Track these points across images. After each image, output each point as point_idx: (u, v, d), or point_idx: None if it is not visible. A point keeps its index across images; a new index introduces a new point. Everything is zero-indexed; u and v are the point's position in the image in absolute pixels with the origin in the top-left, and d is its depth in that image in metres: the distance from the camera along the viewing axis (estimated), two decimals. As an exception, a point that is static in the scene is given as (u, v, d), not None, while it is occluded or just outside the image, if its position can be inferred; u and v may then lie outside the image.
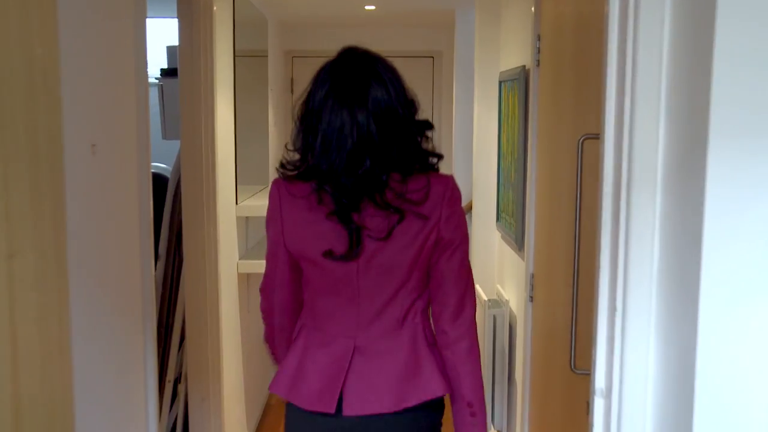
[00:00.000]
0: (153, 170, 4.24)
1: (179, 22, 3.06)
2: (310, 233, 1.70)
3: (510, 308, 3.28)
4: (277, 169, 1.74)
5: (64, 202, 1.43)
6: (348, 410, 1.70)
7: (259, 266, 3.92)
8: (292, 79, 5.90)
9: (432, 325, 1.80)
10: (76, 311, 1.55)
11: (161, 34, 3.91)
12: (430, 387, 1.73)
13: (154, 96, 3.81)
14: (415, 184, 1.67)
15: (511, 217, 3.21)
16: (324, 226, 1.67)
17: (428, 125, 1.74)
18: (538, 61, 2.69)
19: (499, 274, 3.66)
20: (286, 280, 1.79)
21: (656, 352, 1.31)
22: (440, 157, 1.75)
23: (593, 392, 1.41)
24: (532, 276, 2.74)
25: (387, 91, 1.65)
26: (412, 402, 1.71)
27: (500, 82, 3.46)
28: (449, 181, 1.73)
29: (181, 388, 3.37)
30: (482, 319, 3.39)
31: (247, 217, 3.93)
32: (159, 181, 3.69)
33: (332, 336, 1.74)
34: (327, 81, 1.66)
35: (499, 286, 3.59)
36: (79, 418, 1.54)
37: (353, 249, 1.66)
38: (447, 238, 1.71)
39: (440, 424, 1.82)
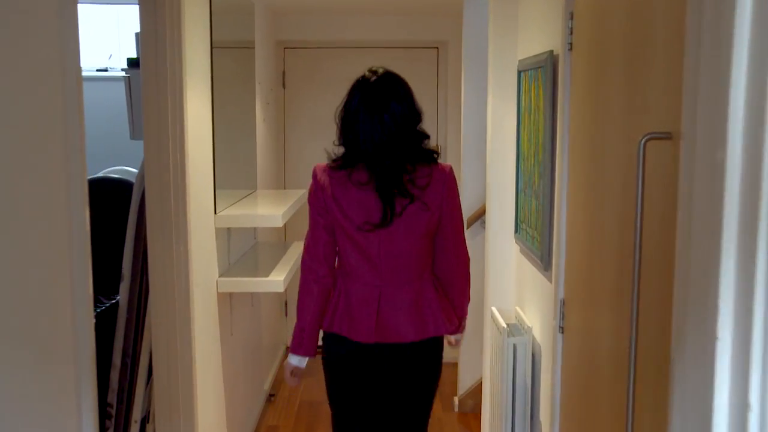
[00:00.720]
0: (119, 176, 3.80)
1: (140, 6, 2.59)
2: (348, 207, 2.30)
3: (533, 336, 2.81)
4: (328, 160, 2.36)
5: None
6: (380, 339, 2.35)
7: (243, 284, 3.45)
8: (284, 72, 5.39)
9: (437, 275, 2.45)
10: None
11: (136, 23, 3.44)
12: (437, 325, 2.39)
13: (121, 91, 3.34)
14: (422, 172, 2.32)
15: (535, 230, 2.74)
16: (362, 203, 2.30)
17: (425, 136, 2.38)
18: (571, 44, 2.23)
19: (519, 294, 3.18)
20: (328, 240, 2.38)
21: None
22: (438, 153, 2.39)
23: None
24: (563, 302, 2.28)
25: (402, 104, 2.29)
26: (426, 335, 2.38)
27: (519, 72, 2.99)
28: (446, 168, 2.37)
29: (149, 428, 2.90)
30: (500, 348, 2.92)
31: (229, 229, 3.43)
32: (125, 189, 3.22)
33: (363, 284, 2.36)
34: (358, 94, 2.30)
35: (518, 309, 3.12)
36: None
37: (386, 219, 2.28)
38: (448, 213, 2.36)
39: (441, 348, 2.49)
